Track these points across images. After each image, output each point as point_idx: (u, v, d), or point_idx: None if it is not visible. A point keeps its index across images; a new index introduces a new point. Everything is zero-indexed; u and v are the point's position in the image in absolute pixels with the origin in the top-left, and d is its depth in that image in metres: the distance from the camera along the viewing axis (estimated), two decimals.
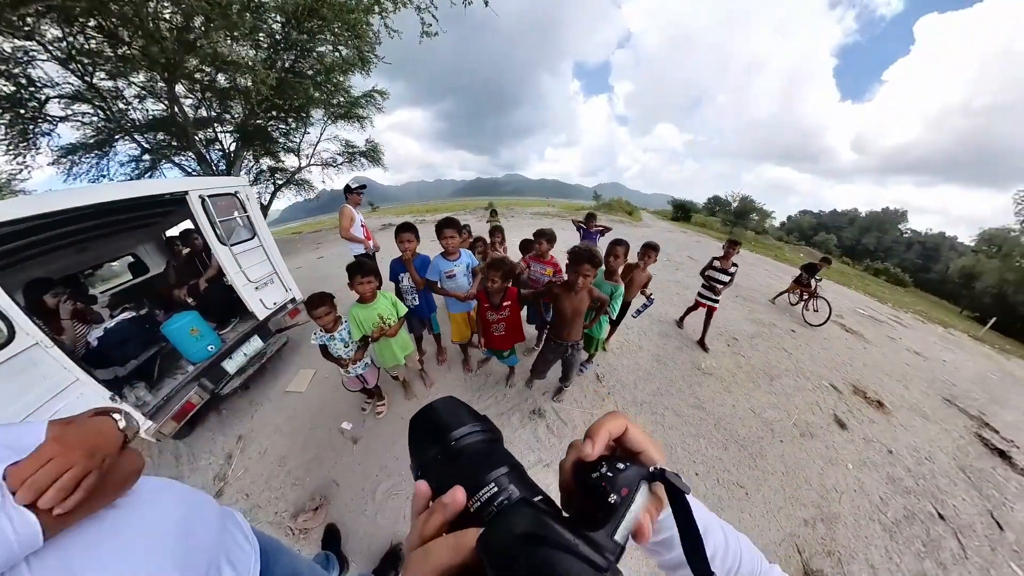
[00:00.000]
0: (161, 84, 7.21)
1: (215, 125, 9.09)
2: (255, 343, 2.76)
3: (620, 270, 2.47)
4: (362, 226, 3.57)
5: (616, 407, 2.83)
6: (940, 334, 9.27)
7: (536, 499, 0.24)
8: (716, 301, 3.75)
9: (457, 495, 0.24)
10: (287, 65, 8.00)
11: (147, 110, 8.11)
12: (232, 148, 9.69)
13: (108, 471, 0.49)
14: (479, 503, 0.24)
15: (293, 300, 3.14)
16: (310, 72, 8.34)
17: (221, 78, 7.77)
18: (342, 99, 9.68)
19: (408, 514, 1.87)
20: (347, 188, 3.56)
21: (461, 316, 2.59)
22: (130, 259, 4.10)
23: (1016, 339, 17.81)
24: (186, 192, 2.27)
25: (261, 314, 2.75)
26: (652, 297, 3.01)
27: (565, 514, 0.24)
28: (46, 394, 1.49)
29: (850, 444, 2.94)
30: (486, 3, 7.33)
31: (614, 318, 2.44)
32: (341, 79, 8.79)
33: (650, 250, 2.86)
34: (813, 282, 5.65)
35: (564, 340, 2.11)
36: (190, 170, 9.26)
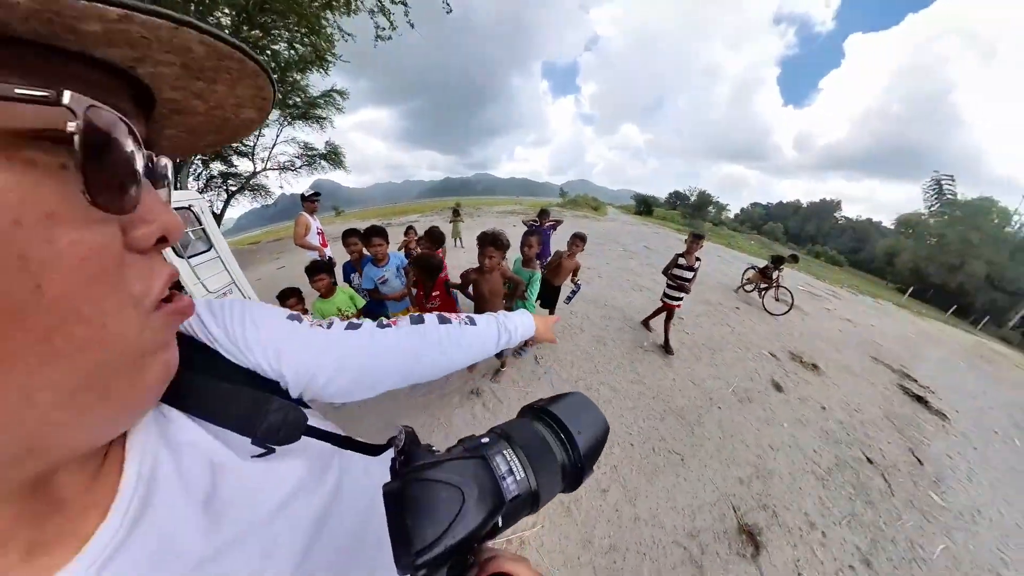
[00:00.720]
0: None
1: None
2: None
3: (534, 257, 2.61)
4: (319, 233, 3.64)
5: (552, 387, 2.91)
6: (869, 304, 10.47)
7: (498, 518, 0.24)
8: (679, 300, 3.57)
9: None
10: None
11: None
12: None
13: None
14: (501, 456, 0.26)
15: None
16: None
17: None
18: (299, 99, 9.23)
19: None
20: (302, 196, 3.65)
21: (402, 314, 2.62)
22: None
23: (930, 303, 20.75)
24: None
25: None
26: (579, 284, 3.17)
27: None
28: None
29: (786, 405, 3.18)
30: (449, 10, 7.28)
31: (533, 300, 2.55)
32: (298, 78, 8.39)
33: (577, 239, 3.05)
34: (776, 274, 5.86)
35: None
36: None
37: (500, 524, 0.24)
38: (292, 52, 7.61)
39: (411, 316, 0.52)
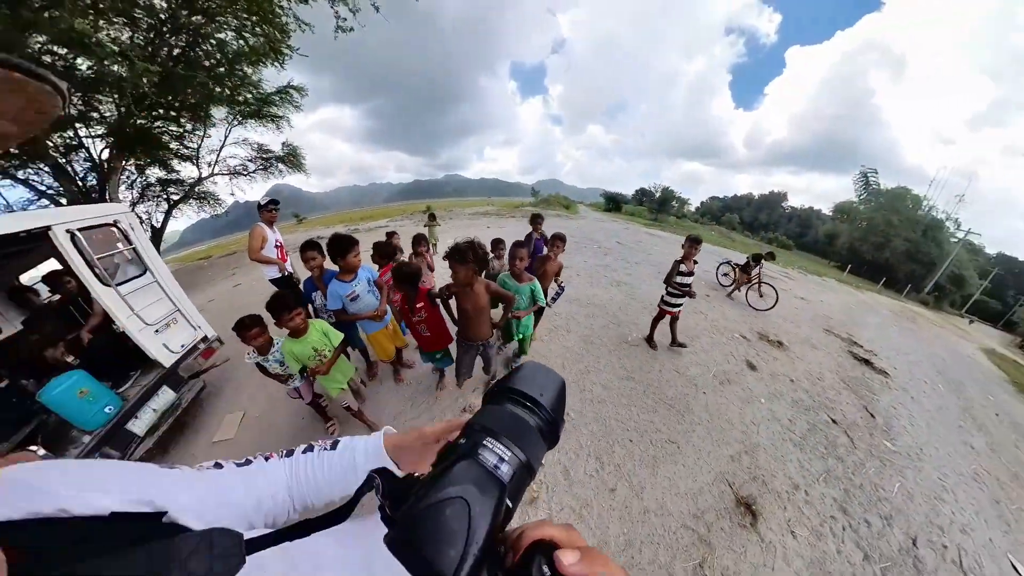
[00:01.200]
0: None
1: (77, 126, 7.22)
2: (166, 395, 2.32)
3: (523, 272, 2.35)
4: (277, 246, 3.29)
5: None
6: (817, 282, 11.60)
7: (508, 502, 0.24)
8: (679, 308, 3.48)
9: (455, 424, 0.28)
10: (176, 53, 6.71)
11: None
12: (105, 156, 7.83)
13: None
14: (482, 446, 0.25)
15: (205, 339, 2.71)
16: (207, 63, 7.09)
17: (83, 64, 6.20)
18: (250, 96, 8.43)
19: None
20: (258, 205, 3.33)
21: (381, 334, 2.40)
22: None
23: (865, 277, 23.47)
24: (48, 227, 1.80)
25: (167, 361, 2.33)
26: (563, 285, 3.15)
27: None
28: None
29: (761, 382, 3.44)
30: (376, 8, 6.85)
31: (544, 306, 2.48)
32: (248, 72, 7.65)
33: (558, 240, 3.00)
34: (757, 270, 5.96)
35: (472, 340, 2.09)
36: (44, 188, 7.34)
37: (511, 505, 0.24)
38: (241, 42, 6.92)
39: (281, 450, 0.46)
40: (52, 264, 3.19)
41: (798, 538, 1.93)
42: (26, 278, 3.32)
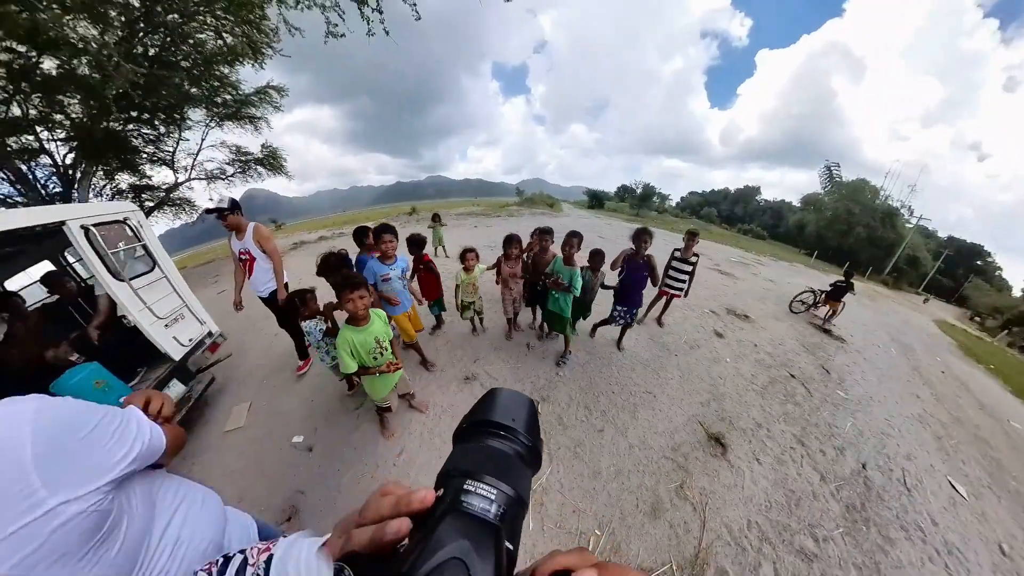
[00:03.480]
0: None
1: (37, 129, 6.86)
2: (176, 388, 2.35)
3: (573, 256, 2.61)
4: (242, 258, 2.64)
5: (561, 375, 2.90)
6: (786, 267, 12.43)
7: (507, 544, 0.22)
8: (679, 290, 3.63)
9: (427, 497, 0.23)
10: (151, 53, 6.51)
11: None
12: (70, 161, 7.48)
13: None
14: (464, 492, 0.23)
15: (210, 334, 2.76)
16: (185, 64, 6.89)
17: (48, 63, 5.90)
18: (228, 97, 8.24)
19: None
20: (206, 211, 2.83)
21: (403, 317, 2.55)
22: None
23: (831, 262, 25.10)
24: (62, 222, 1.83)
25: (177, 354, 2.37)
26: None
27: None
28: None
29: (727, 346, 3.83)
30: (416, 16, 6.74)
31: (577, 295, 2.63)
32: (226, 72, 7.48)
33: (545, 235, 3.05)
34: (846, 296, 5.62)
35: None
36: (2, 195, 6.98)
37: (511, 547, 0.23)
38: (219, 42, 6.75)
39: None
40: (43, 267, 3.13)
41: (763, 464, 2.25)
42: (12, 284, 3.25)
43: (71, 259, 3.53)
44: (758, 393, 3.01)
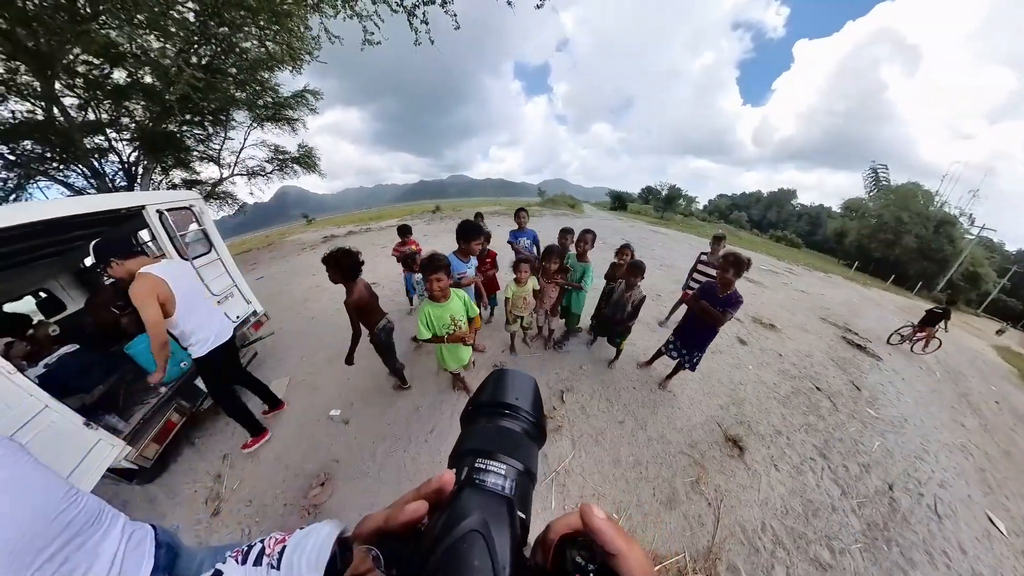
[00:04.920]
0: (25, 76, 6.00)
1: (107, 131, 7.76)
2: None
3: (586, 252, 2.79)
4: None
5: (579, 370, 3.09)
6: (821, 277, 11.66)
7: (519, 513, 0.23)
8: None
9: (445, 478, 0.24)
10: (204, 62, 7.21)
11: (11, 111, 6.65)
12: (133, 158, 8.39)
13: None
14: (476, 470, 0.25)
15: (255, 313, 3.04)
16: (232, 70, 7.58)
17: (118, 74, 6.68)
18: (269, 100, 8.92)
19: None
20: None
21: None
22: (29, 298, 3.49)
23: (872, 275, 23.25)
24: (143, 206, 2.16)
25: None
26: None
27: (528, 553, 0.24)
28: (11, 425, 1.33)
29: (750, 354, 3.74)
30: (456, 26, 7.00)
31: (587, 290, 2.75)
32: (267, 76, 8.11)
33: (567, 234, 3.05)
34: (943, 323, 5.43)
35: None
36: (79, 188, 7.88)
37: (523, 516, 0.24)
38: (262, 49, 7.35)
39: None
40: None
41: (780, 471, 2.23)
42: (89, 261, 3.72)
43: (140, 241, 4.01)
44: (779, 402, 2.94)
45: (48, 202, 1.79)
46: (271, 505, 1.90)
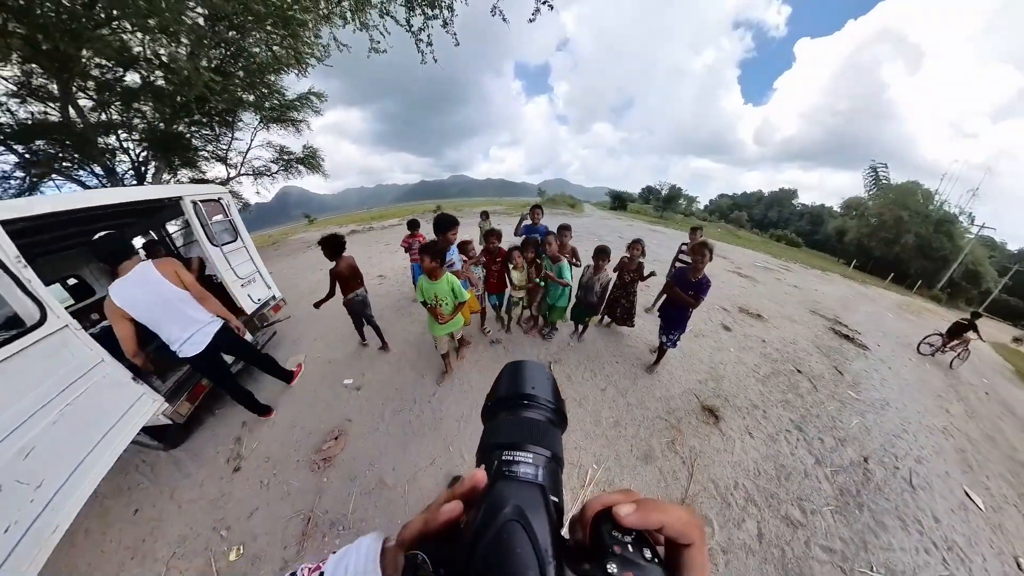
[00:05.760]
0: (41, 80, 6.24)
1: (119, 132, 8.03)
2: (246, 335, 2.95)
3: (557, 252, 2.85)
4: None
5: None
6: (817, 275, 11.77)
7: (552, 498, 0.24)
8: None
9: (478, 476, 0.25)
10: (213, 65, 7.45)
11: (30, 112, 6.91)
12: (143, 158, 8.65)
13: None
14: (505, 462, 0.25)
15: (273, 297, 3.30)
16: (241, 73, 7.83)
17: (131, 76, 6.93)
18: (276, 102, 9.18)
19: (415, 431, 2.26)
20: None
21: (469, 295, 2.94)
22: (63, 282, 3.72)
23: (872, 273, 23.32)
24: (180, 197, 2.43)
25: (249, 309, 2.90)
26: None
27: (565, 534, 0.24)
28: (73, 374, 1.51)
29: (733, 339, 3.92)
30: (456, 43, 7.20)
31: (569, 282, 2.88)
32: (273, 79, 8.37)
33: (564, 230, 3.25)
34: (970, 334, 5.45)
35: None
36: (92, 186, 8.12)
37: (557, 500, 0.25)
38: (269, 53, 7.59)
39: None
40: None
41: (755, 438, 2.40)
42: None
43: (170, 229, 4.26)
44: (759, 380, 3.11)
45: (106, 190, 2.00)
46: (286, 460, 2.10)
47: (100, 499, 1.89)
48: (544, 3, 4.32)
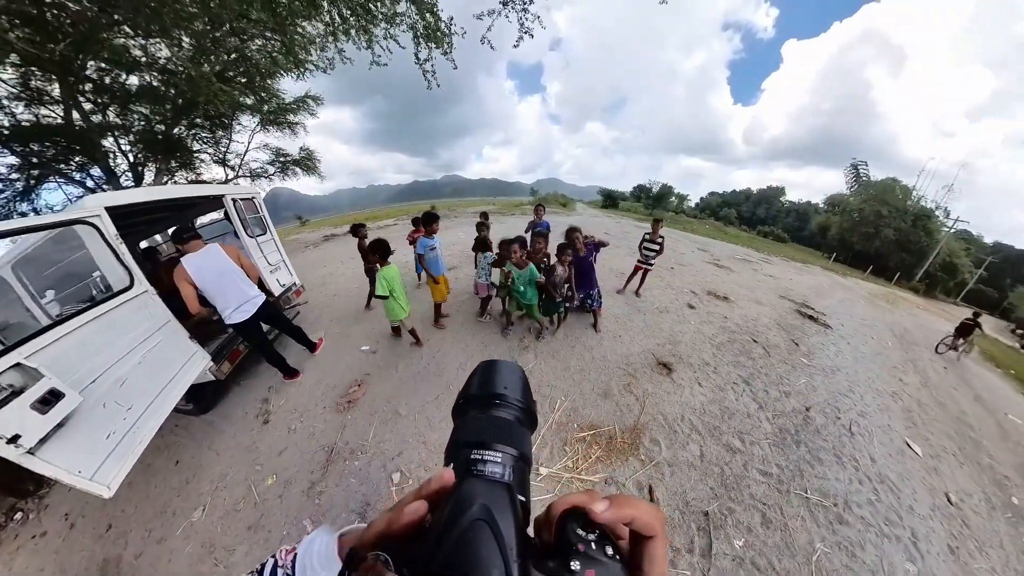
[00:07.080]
0: (39, 83, 6.30)
1: (116, 133, 8.24)
2: None
3: (520, 259, 2.91)
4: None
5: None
6: (797, 267, 12.30)
7: (519, 497, 0.24)
8: (651, 265, 4.50)
9: (445, 476, 0.24)
10: (216, 70, 7.72)
11: (34, 113, 7.08)
12: (140, 160, 8.85)
13: None
14: (473, 461, 0.26)
15: (295, 283, 3.73)
16: (242, 79, 8.12)
17: (132, 79, 7.07)
18: (274, 105, 9.48)
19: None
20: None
21: (442, 278, 3.29)
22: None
23: (852, 266, 24.29)
24: (223, 195, 2.88)
25: (276, 291, 3.33)
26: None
27: (531, 532, 0.24)
28: (151, 328, 1.93)
29: (696, 315, 4.37)
30: (454, 66, 7.50)
31: (539, 279, 2.94)
32: (270, 82, 8.66)
33: (539, 238, 3.41)
34: (975, 331, 6.07)
35: None
36: (91, 188, 8.33)
37: (523, 499, 0.25)
38: (267, 59, 7.86)
39: None
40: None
41: (704, 387, 2.86)
42: (144, 243, 4.36)
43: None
44: (714, 346, 3.58)
45: (176, 186, 2.55)
46: (311, 411, 2.47)
47: (142, 458, 1.90)
48: (526, 32, 4.81)
